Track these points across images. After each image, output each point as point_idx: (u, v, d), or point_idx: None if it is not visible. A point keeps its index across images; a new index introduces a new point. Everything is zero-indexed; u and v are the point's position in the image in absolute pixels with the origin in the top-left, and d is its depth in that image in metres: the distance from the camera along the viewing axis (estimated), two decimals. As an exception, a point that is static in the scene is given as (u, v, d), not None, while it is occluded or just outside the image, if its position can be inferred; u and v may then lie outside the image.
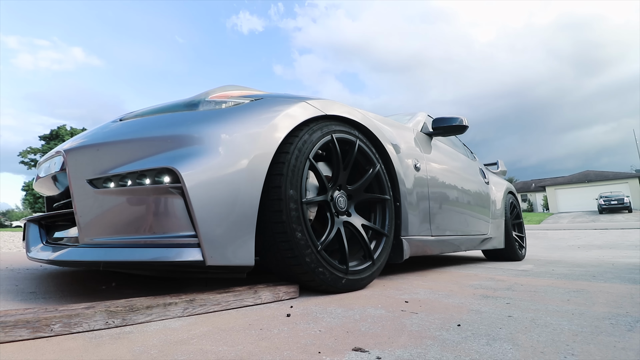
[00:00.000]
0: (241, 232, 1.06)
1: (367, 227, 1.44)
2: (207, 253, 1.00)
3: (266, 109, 1.21)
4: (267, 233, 1.15)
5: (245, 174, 1.08)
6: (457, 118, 2.15)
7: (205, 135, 1.07)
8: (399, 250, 1.61)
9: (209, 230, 1.01)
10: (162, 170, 1.03)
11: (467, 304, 1.16)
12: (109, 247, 1.03)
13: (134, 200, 1.04)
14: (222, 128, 1.10)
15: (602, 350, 0.73)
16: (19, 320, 0.75)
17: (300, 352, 0.70)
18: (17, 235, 6.90)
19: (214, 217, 1.02)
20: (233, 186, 1.05)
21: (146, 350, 0.71)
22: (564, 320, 0.96)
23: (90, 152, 1.11)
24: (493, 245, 2.77)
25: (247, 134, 1.12)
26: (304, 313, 1.00)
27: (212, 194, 1.02)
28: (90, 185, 1.07)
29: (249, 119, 1.16)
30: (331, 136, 1.34)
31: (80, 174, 1.08)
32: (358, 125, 1.50)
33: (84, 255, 1.04)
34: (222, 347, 0.73)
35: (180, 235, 1.01)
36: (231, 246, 1.04)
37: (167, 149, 1.05)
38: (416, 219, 1.74)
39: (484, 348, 0.73)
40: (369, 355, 0.68)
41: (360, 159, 1.49)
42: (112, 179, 1.06)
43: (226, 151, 1.07)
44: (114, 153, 1.08)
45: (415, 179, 1.79)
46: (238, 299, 1.06)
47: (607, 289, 1.45)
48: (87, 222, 1.06)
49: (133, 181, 1.04)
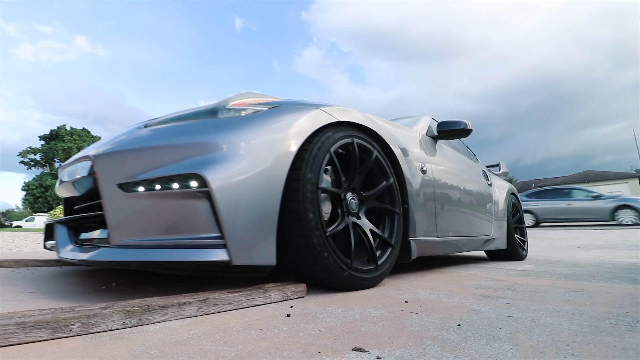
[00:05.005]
0: (264, 234, 1.12)
1: (375, 233, 1.46)
2: (233, 253, 1.06)
3: (284, 116, 1.26)
4: (282, 212, 1.19)
5: (266, 178, 1.14)
6: (461, 122, 2.22)
7: (228, 142, 1.13)
8: (407, 251, 1.65)
9: (234, 231, 1.07)
10: (190, 175, 1.08)
11: (467, 304, 1.16)
12: (139, 248, 1.08)
13: (162, 204, 1.09)
14: (243, 135, 1.16)
15: (602, 350, 0.73)
16: (39, 321, 0.75)
17: (300, 352, 0.70)
18: (17, 235, 6.90)
19: (238, 220, 1.08)
20: (255, 190, 1.11)
21: (146, 350, 0.71)
22: (564, 320, 0.96)
23: (119, 158, 1.17)
24: (496, 246, 2.80)
25: (266, 140, 1.18)
26: (304, 313, 1.00)
27: (236, 197, 1.08)
28: (120, 189, 1.12)
29: (267, 126, 1.21)
30: (352, 139, 1.43)
31: (110, 179, 1.13)
32: (368, 130, 1.55)
33: (117, 255, 1.09)
34: (222, 347, 0.73)
35: (207, 236, 1.07)
36: (255, 247, 1.10)
37: (193, 156, 1.11)
38: (423, 221, 1.79)
39: (484, 348, 0.73)
40: (369, 355, 0.68)
41: (375, 170, 1.55)
42: (141, 183, 1.11)
43: (248, 157, 1.13)
44: (142, 159, 1.14)
45: (422, 181, 1.84)
46: (249, 298, 1.08)
47: (607, 289, 1.45)
48: (118, 224, 1.11)
49: (162, 185, 1.10)
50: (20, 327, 0.73)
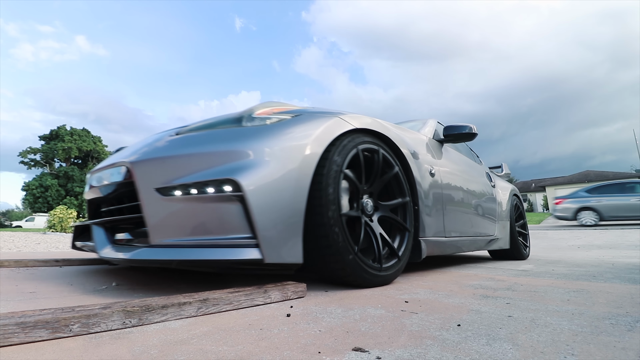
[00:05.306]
0: (292, 234, 1.20)
1: (384, 239, 1.51)
2: (265, 252, 1.14)
3: (305, 124, 1.35)
4: (307, 213, 1.27)
5: (292, 183, 1.22)
6: (467, 126, 2.29)
7: (257, 149, 1.22)
8: (418, 251, 1.72)
9: (266, 232, 1.15)
10: (225, 180, 1.16)
11: (467, 304, 1.16)
12: (178, 248, 1.15)
13: (198, 207, 1.17)
14: (270, 142, 1.24)
15: (602, 350, 0.73)
16: (39, 321, 0.75)
17: (300, 352, 0.70)
18: (17, 235, 6.89)
19: (269, 221, 1.16)
20: (283, 194, 1.20)
21: (146, 350, 0.71)
22: (564, 320, 0.96)
23: (156, 164, 1.25)
24: (499, 246, 2.86)
25: (291, 147, 1.26)
26: (304, 313, 1.00)
27: (267, 200, 1.16)
28: (158, 193, 1.19)
29: (291, 134, 1.30)
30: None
31: (148, 183, 1.21)
32: (381, 135, 1.63)
33: (158, 254, 1.16)
34: (222, 347, 0.73)
35: (239, 236, 1.15)
36: (284, 246, 1.18)
37: (225, 162, 1.19)
38: (432, 222, 1.85)
39: (484, 348, 0.73)
40: (369, 355, 0.68)
41: (393, 185, 1.64)
42: (178, 187, 1.19)
43: (275, 163, 1.21)
44: (178, 165, 1.22)
45: (431, 184, 1.91)
46: (249, 298, 1.08)
47: (607, 289, 1.45)
48: (156, 226, 1.18)
49: (197, 190, 1.17)
50: (20, 327, 0.73)
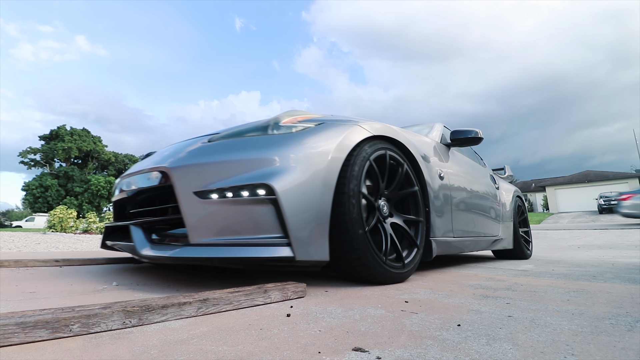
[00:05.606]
0: (319, 234, 1.29)
1: (394, 243, 1.57)
2: (296, 251, 1.23)
3: (328, 132, 1.45)
4: (332, 214, 1.36)
5: (319, 187, 1.32)
6: (473, 131, 2.39)
7: (285, 156, 1.32)
8: (429, 250, 1.80)
9: (297, 232, 1.24)
10: (259, 185, 1.25)
11: (467, 304, 1.16)
12: (216, 246, 1.24)
13: (234, 209, 1.26)
14: (297, 149, 1.34)
15: (602, 350, 0.73)
16: (39, 321, 0.75)
17: (300, 352, 0.70)
18: (17, 235, 6.89)
19: (299, 222, 1.25)
20: (311, 197, 1.29)
21: (146, 350, 0.70)
22: (564, 320, 0.96)
23: (194, 169, 1.33)
24: (503, 246, 2.93)
25: (317, 152, 1.36)
26: (304, 313, 1.00)
27: (297, 203, 1.26)
28: (196, 196, 1.27)
29: (317, 140, 1.40)
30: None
31: (186, 187, 1.29)
32: (395, 141, 1.71)
33: (199, 252, 1.24)
34: (222, 347, 0.73)
35: (272, 236, 1.24)
36: (312, 245, 1.27)
37: (258, 168, 1.29)
38: (441, 223, 1.94)
39: (484, 348, 0.73)
40: (369, 355, 0.68)
41: (410, 198, 1.73)
42: (215, 191, 1.27)
43: (303, 168, 1.31)
44: (214, 170, 1.31)
45: (440, 186, 1.99)
46: (249, 298, 1.09)
47: (607, 289, 1.45)
48: (195, 226, 1.26)
49: (233, 193, 1.26)
50: (20, 327, 0.73)
